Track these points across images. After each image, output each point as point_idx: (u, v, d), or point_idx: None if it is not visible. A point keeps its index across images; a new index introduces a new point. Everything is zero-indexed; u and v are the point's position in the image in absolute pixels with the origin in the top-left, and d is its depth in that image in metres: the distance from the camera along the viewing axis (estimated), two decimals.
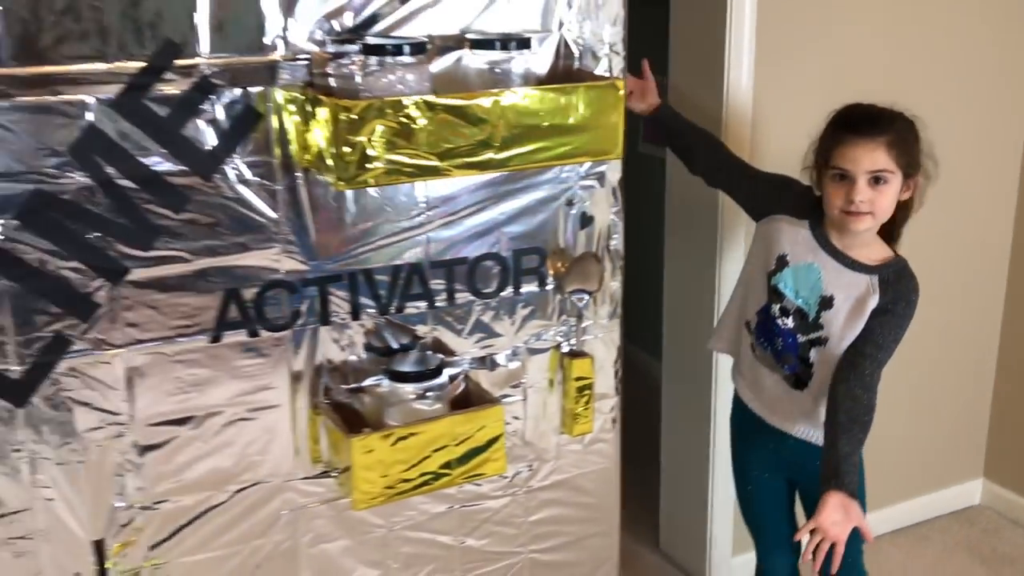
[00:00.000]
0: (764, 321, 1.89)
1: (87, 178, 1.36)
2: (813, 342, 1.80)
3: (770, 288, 1.85)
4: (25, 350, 1.39)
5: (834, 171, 1.72)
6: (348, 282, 1.58)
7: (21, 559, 1.47)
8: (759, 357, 1.91)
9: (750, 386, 1.97)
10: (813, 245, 1.82)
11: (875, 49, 2.39)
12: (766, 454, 2.00)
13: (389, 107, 1.36)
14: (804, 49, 2.30)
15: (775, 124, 2.32)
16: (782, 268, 1.83)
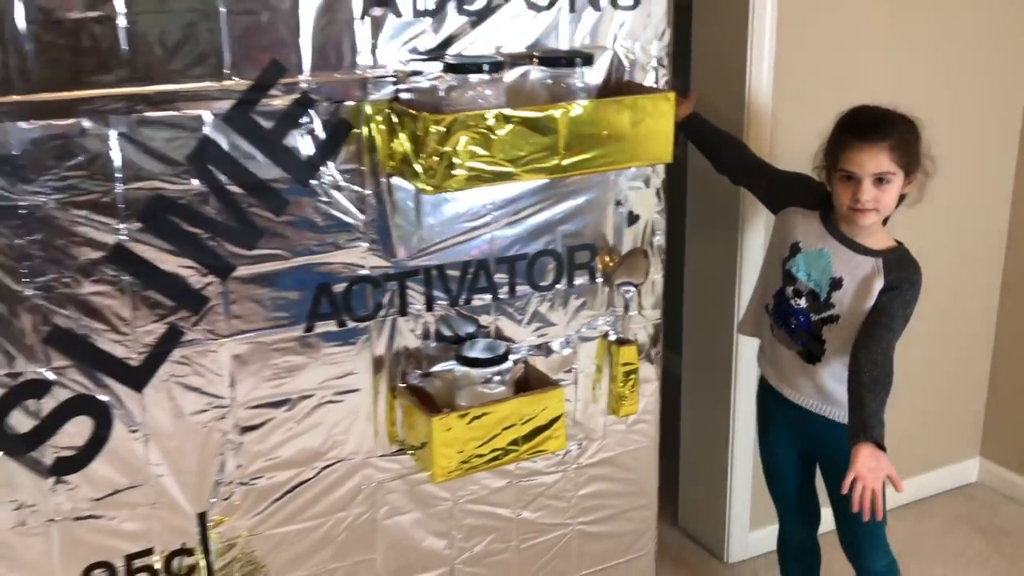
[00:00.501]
0: (779, 303, 2.06)
1: (201, 184, 1.51)
2: (825, 320, 1.97)
3: (784, 272, 2.03)
4: (143, 340, 1.54)
5: (841, 173, 1.89)
6: (423, 277, 1.74)
7: (137, 527, 1.62)
8: (777, 336, 2.09)
9: (771, 363, 2.15)
10: (823, 232, 2.00)
11: (885, 53, 2.56)
12: (787, 429, 2.18)
13: (472, 120, 1.52)
14: (820, 53, 2.47)
15: (793, 124, 2.49)
16: (795, 254, 2.01)
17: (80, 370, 1.51)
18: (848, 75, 2.53)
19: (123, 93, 1.42)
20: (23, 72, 1.35)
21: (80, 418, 1.53)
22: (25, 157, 1.38)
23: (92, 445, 1.55)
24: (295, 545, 1.77)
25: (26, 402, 1.48)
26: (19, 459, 1.50)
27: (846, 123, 1.93)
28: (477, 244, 1.77)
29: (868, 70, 2.55)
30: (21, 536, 1.54)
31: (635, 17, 1.77)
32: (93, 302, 1.49)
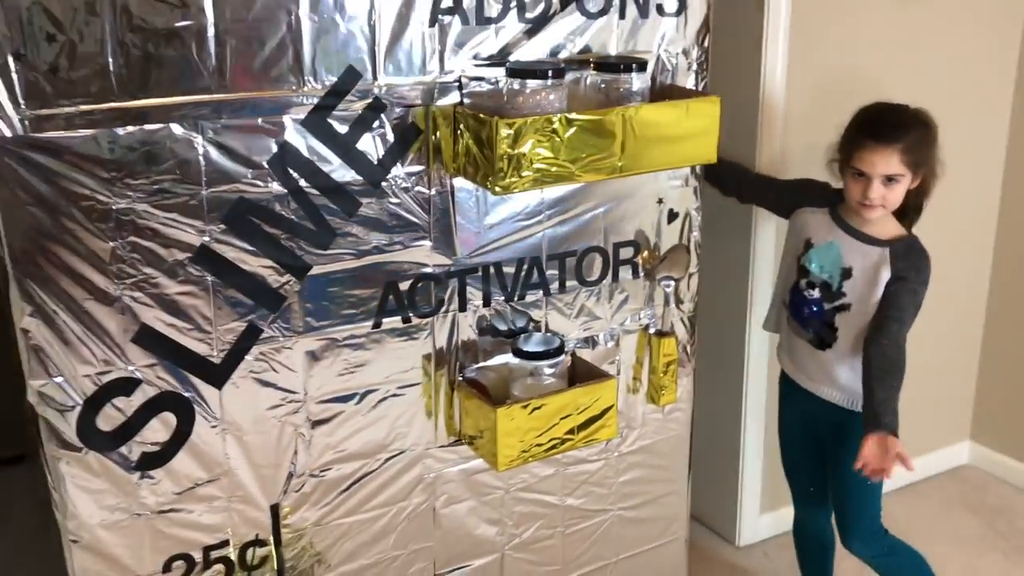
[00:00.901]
0: (795, 296, 2.18)
1: (281, 187, 1.56)
2: (837, 308, 2.09)
3: (799, 267, 2.15)
4: (224, 338, 1.59)
5: (853, 170, 2.01)
6: (482, 274, 1.81)
7: (214, 520, 1.67)
8: (792, 328, 2.21)
9: (787, 353, 2.26)
10: (832, 226, 2.11)
11: (893, 51, 2.69)
12: (801, 416, 2.29)
13: (540, 124, 1.59)
14: (832, 55, 2.58)
15: (805, 122, 2.60)
16: (808, 249, 2.13)
17: (165, 368, 1.55)
18: (859, 74, 2.64)
19: (211, 100, 1.47)
20: (118, 80, 1.39)
21: (164, 414, 1.57)
22: (119, 162, 1.43)
23: (175, 441, 1.60)
24: (359, 535, 1.83)
25: (115, 400, 1.53)
26: (107, 455, 1.55)
27: (863, 122, 2.04)
28: (530, 242, 1.84)
29: (877, 68, 2.67)
30: (109, 530, 1.58)
31: (677, 24, 1.86)
32: (179, 302, 1.53)
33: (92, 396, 1.51)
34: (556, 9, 1.72)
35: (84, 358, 1.49)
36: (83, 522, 1.56)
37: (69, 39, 1.34)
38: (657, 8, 1.82)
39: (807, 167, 2.66)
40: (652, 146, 1.71)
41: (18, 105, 1.34)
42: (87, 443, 1.52)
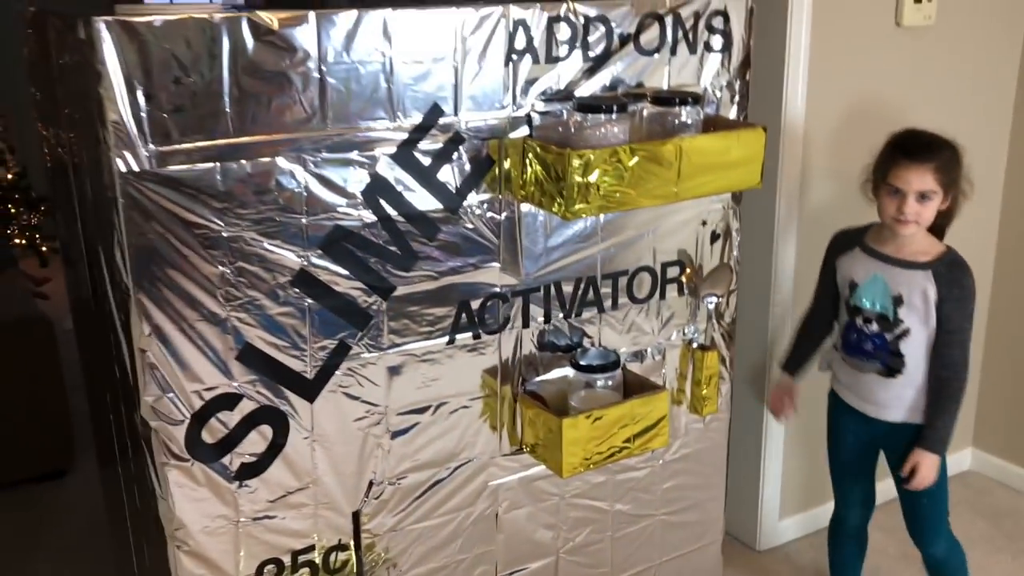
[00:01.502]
0: (851, 335, 2.32)
1: (371, 215, 1.68)
2: (900, 336, 2.23)
3: (851, 309, 2.30)
4: (317, 355, 1.71)
5: (889, 187, 2.16)
6: (543, 293, 1.94)
7: (302, 526, 1.78)
8: (852, 365, 2.34)
9: (849, 388, 2.40)
10: (870, 261, 2.27)
11: (905, 77, 2.85)
12: (861, 435, 2.43)
13: (608, 154, 1.72)
14: (848, 78, 2.75)
15: (822, 145, 2.76)
16: (855, 289, 2.28)
17: (264, 383, 1.67)
18: (873, 101, 2.81)
19: (313, 136, 1.59)
20: (232, 118, 1.52)
21: (262, 427, 1.69)
22: (230, 193, 1.55)
23: (270, 452, 1.71)
24: (429, 539, 1.95)
25: (219, 414, 1.64)
26: (210, 466, 1.66)
27: (898, 143, 2.20)
28: (587, 262, 1.97)
29: (891, 95, 2.84)
30: (210, 536, 1.69)
31: (723, 59, 2.00)
32: (279, 321, 1.65)
33: (199, 410, 1.62)
34: (616, 47, 1.86)
35: (193, 375, 1.60)
36: (188, 529, 1.66)
37: (193, 82, 1.46)
38: (705, 45, 1.96)
39: (825, 188, 2.82)
40: (704, 173, 1.85)
41: (147, 143, 1.45)
42: (193, 454, 1.63)
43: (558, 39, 1.78)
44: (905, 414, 2.30)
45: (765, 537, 3.12)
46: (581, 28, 1.80)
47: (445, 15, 1.66)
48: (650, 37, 1.89)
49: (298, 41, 1.53)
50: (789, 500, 3.14)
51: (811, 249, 2.88)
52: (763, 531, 3.11)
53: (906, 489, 2.35)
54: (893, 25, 2.80)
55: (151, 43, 1.42)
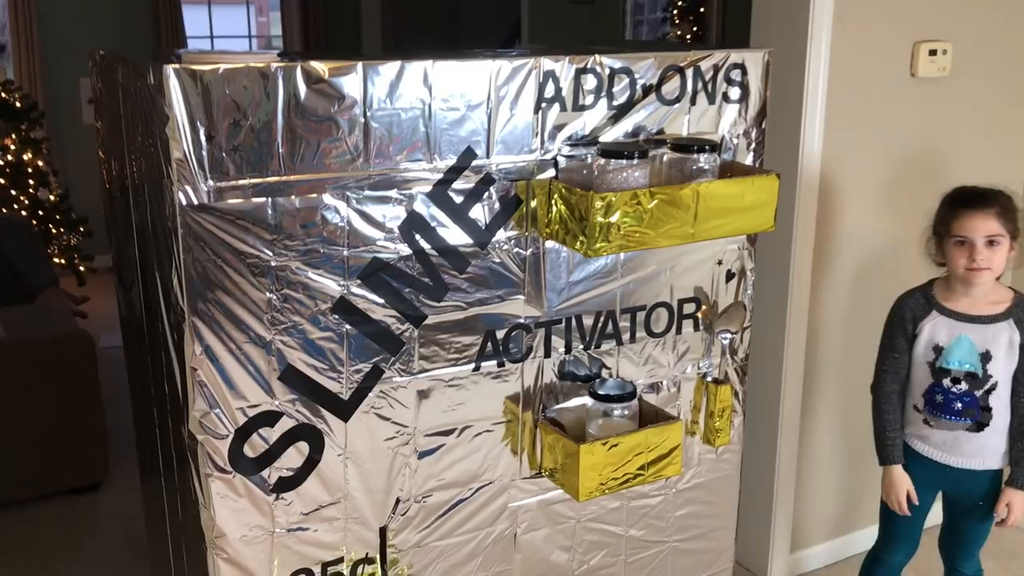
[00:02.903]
0: (935, 396, 2.41)
1: (407, 248, 1.81)
2: (989, 391, 2.33)
3: (936, 371, 2.38)
4: (352, 378, 1.83)
5: (956, 239, 2.26)
6: (564, 325, 2.05)
7: (333, 538, 1.89)
8: (936, 425, 2.43)
9: (925, 441, 2.48)
10: (951, 323, 2.36)
11: (921, 127, 2.96)
12: (932, 479, 2.52)
13: (628, 197, 1.84)
14: (865, 127, 2.86)
15: (839, 189, 2.87)
16: (939, 353, 2.37)
17: (303, 403, 1.79)
18: (891, 149, 2.92)
19: (356, 175, 1.72)
20: (284, 157, 1.65)
21: (300, 443, 1.81)
22: (279, 226, 1.68)
23: (306, 467, 1.83)
24: (451, 556, 2.05)
25: (260, 430, 1.76)
26: (250, 479, 1.78)
27: (955, 197, 2.31)
28: (607, 296, 2.09)
29: (908, 142, 2.95)
30: (247, 544, 1.81)
31: (740, 109, 2.12)
32: (319, 345, 1.78)
33: (242, 426, 1.74)
34: (638, 97, 1.98)
35: (238, 393, 1.73)
36: (228, 537, 1.78)
37: (250, 124, 1.60)
38: (723, 96, 2.09)
39: (838, 231, 2.93)
40: (719, 216, 1.96)
41: (206, 179, 1.59)
42: (235, 467, 1.75)
43: (585, 89, 1.91)
44: (998, 460, 2.41)
45: (776, 570, 3.20)
46: (607, 79, 1.93)
47: (481, 66, 1.79)
48: (671, 88, 2.02)
49: (346, 89, 1.67)
50: (800, 534, 3.23)
51: (825, 289, 2.99)
52: (774, 564, 3.19)
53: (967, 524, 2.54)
54: (908, 76, 2.92)
55: (214, 89, 1.56)
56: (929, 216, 2.37)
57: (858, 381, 3.12)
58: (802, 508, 3.20)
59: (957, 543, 2.63)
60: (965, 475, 2.46)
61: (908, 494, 2.50)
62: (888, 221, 3.03)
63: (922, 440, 2.49)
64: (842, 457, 3.25)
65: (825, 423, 3.16)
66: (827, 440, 3.19)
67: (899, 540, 2.66)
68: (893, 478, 2.52)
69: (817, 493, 3.23)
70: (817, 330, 3.03)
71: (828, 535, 3.32)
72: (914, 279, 2.55)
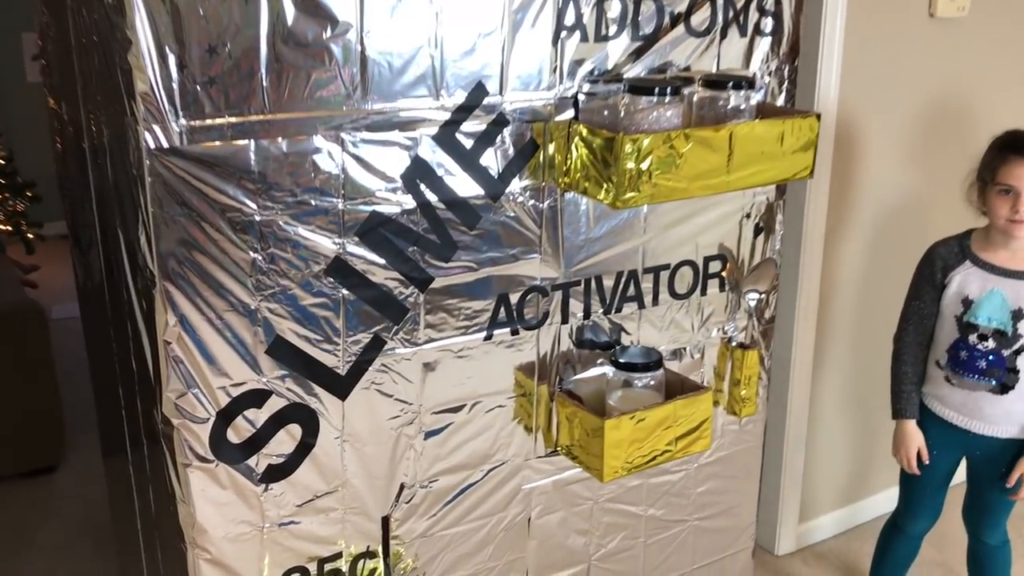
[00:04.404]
0: (960, 353, 2.23)
1: (411, 200, 1.57)
2: (1017, 352, 2.16)
3: (963, 326, 2.20)
4: (350, 350, 1.59)
5: (1000, 187, 2.08)
6: (583, 287, 1.83)
7: (330, 531, 1.67)
8: (958, 384, 2.26)
9: (947, 404, 2.31)
10: (985, 275, 2.18)
11: (940, 68, 2.77)
12: (954, 445, 2.35)
13: (663, 139, 1.62)
14: (882, 68, 2.66)
15: (855, 134, 2.67)
16: (969, 306, 2.19)
17: (294, 379, 1.56)
18: (906, 92, 2.73)
19: (353, 113, 1.48)
20: (268, 93, 1.40)
21: (291, 426, 1.58)
22: (264, 174, 1.43)
23: (299, 452, 1.60)
24: (460, 546, 1.84)
25: (246, 411, 1.53)
26: (236, 468, 1.54)
27: (1004, 143, 2.12)
28: (629, 255, 1.87)
29: (922, 84, 2.76)
30: (233, 543, 1.58)
31: (772, 44, 1.90)
32: (312, 313, 1.54)
33: (225, 408, 1.51)
34: (666, 27, 1.75)
35: (220, 370, 1.49)
36: (210, 535, 1.55)
37: (228, 52, 1.35)
38: (755, 28, 1.86)
39: (855, 182, 2.74)
40: (756, 162, 1.75)
41: (177, 117, 1.34)
42: (218, 455, 1.52)
43: (608, 17, 1.68)
44: (1017, 430, 2.24)
45: (784, 541, 3.04)
46: (632, 5, 1.70)
47: None
48: (701, 18, 1.79)
49: (340, 10, 1.42)
50: (808, 505, 3.07)
51: (840, 245, 2.80)
52: (782, 535, 3.03)
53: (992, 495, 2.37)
54: (927, 16, 2.72)
55: (185, 8, 1.30)
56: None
57: (871, 343, 2.95)
58: (810, 477, 3.04)
59: (981, 512, 2.48)
60: (987, 443, 2.30)
61: (920, 452, 2.35)
62: (907, 172, 2.84)
63: (941, 401, 2.32)
64: (852, 423, 3.08)
65: (835, 387, 2.99)
66: (837, 405, 3.02)
67: (921, 507, 2.50)
68: (905, 432, 2.36)
69: (826, 462, 3.07)
70: (830, 289, 2.84)
71: (836, 504, 3.17)
72: (935, 235, 2.37)
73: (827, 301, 2.85)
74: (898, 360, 2.37)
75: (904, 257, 2.58)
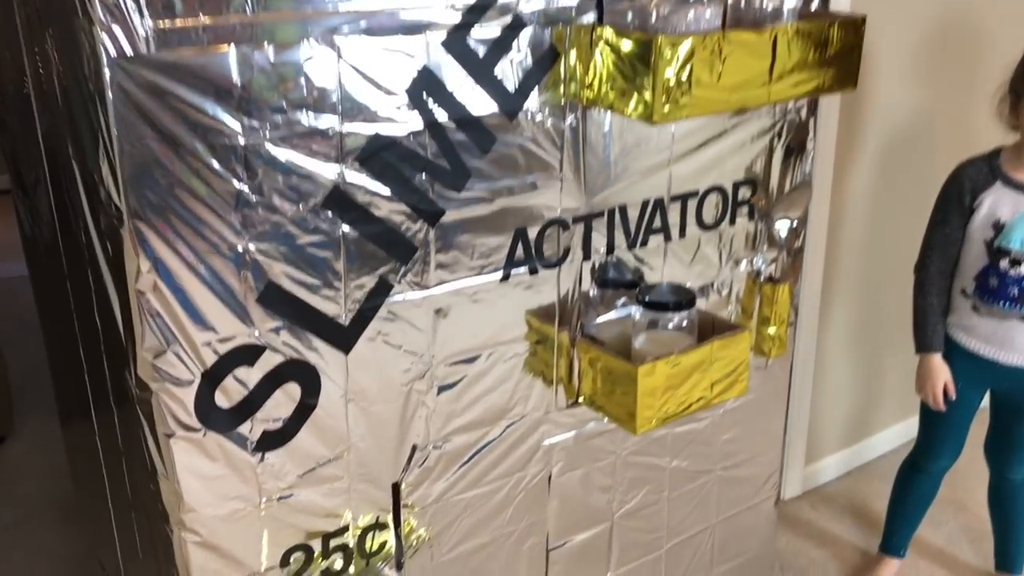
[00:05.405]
0: (990, 280, 2.07)
1: (418, 117, 1.35)
2: None
3: (992, 251, 2.04)
4: (353, 296, 1.38)
5: None
6: (607, 218, 1.63)
7: (334, 503, 1.47)
8: (986, 313, 2.10)
9: (973, 334, 2.16)
10: (1018, 197, 2.01)
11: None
12: (980, 377, 2.21)
13: (704, 44, 1.41)
14: None
15: (870, 54, 2.48)
16: (1000, 230, 2.01)
17: (291, 332, 1.34)
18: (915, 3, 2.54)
19: (350, 13, 1.24)
20: None
21: (288, 385, 1.36)
22: (249, 88, 1.20)
23: (298, 415, 1.38)
24: (477, 510, 1.65)
25: (236, 370, 1.31)
26: (226, 436, 1.33)
27: None
28: (655, 181, 1.67)
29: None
30: (226, 522, 1.36)
31: None
32: (308, 254, 1.32)
33: (212, 367, 1.28)
34: None
35: (205, 323, 1.26)
36: (200, 515, 1.34)
37: None
38: None
39: (865, 102, 2.56)
40: (800, 70, 1.56)
41: (142, 16, 1.09)
42: (205, 423, 1.30)
43: None
44: None
45: (790, 484, 2.91)
46: None
47: None
48: None
49: None
50: (814, 446, 2.93)
51: (849, 170, 2.63)
52: (787, 478, 2.90)
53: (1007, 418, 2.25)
54: None
55: None
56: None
57: (879, 273, 2.80)
58: (815, 419, 2.90)
59: (1006, 447, 2.36)
60: (1016, 375, 2.16)
61: (946, 387, 2.20)
62: (921, 92, 2.66)
63: (967, 332, 2.17)
64: (857, 360, 2.94)
65: (841, 321, 2.84)
66: (843, 340, 2.87)
67: (943, 444, 2.37)
68: (931, 367, 2.21)
69: (831, 401, 2.93)
70: (838, 216, 2.67)
71: (840, 445, 3.04)
72: (949, 159, 2.20)
73: (835, 227, 2.68)
74: (922, 291, 2.21)
75: (914, 181, 2.42)
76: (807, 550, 2.72)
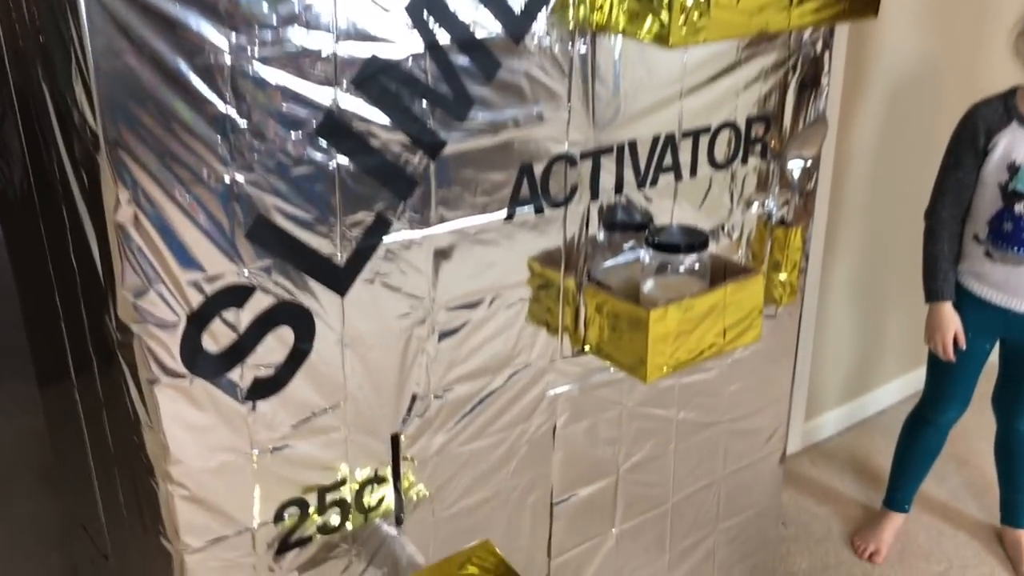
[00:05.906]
0: (1001, 225, 2.00)
1: (418, 40, 1.25)
2: None
3: (1008, 194, 1.96)
4: (350, 233, 1.28)
5: None
6: (616, 154, 1.54)
7: (331, 455, 1.38)
8: (1000, 259, 2.03)
9: (985, 281, 2.10)
10: None
11: None
12: (991, 325, 2.15)
13: None
14: None
15: None
16: (1015, 173, 1.93)
17: (283, 271, 1.24)
18: None
19: None
20: None
21: (281, 329, 1.27)
22: (236, 2, 1.09)
23: (292, 361, 1.29)
24: (479, 464, 1.57)
25: (225, 312, 1.21)
26: (215, 383, 1.23)
27: None
28: (666, 116, 1.58)
29: None
30: (216, 475, 1.28)
31: None
32: (301, 187, 1.22)
33: (199, 308, 1.19)
34: None
35: (190, 260, 1.16)
36: (187, 467, 1.25)
37: None
38: None
39: (871, 45, 2.47)
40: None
41: None
42: (192, 368, 1.21)
43: None
44: None
45: (791, 440, 2.85)
46: None
47: None
48: None
49: None
50: (814, 402, 2.88)
51: (854, 115, 2.55)
52: (788, 435, 2.83)
53: None
54: None
55: None
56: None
57: (882, 221, 2.73)
58: (816, 373, 2.84)
59: (1015, 398, 2.31)
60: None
61: (956, 336, 2.14)
62: (927, 35, 2.57)
63: (979, 279, 2.11)
64: (859, 312, 2.88)
65: (843, 272, 2.77)
66: (845, 291, 2.80)
67: (952, 396, 2.32)
68: (941, 316, 2.14)
69: (831, 355, 2.87)
70: (843, 162, 2.59)
71: (840, 400, 2.99)
72: (957, 104, 2.12)
73: (840, 173, 2.60)
74: (933, 237, 2.14)
75: (919, 127, 2.34)
76: (809, 506, 2.67)
